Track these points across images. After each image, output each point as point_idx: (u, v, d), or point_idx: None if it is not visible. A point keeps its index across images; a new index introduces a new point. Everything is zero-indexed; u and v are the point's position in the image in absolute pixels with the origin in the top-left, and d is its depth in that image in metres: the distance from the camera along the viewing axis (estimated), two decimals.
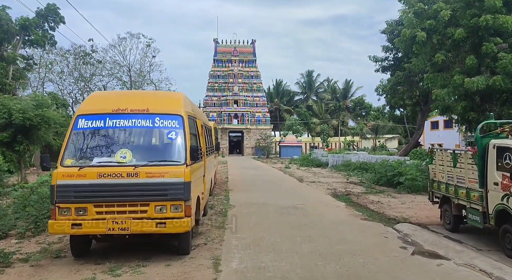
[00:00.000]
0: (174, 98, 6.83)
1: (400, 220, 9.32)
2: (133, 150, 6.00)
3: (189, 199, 5.88)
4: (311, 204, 11.76)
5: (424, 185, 14.88)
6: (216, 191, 15.09)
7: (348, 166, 27.07)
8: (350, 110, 74.22)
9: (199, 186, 7.02)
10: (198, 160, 6.93)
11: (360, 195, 13.77)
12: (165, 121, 6.19)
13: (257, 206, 11.44)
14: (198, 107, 9.40)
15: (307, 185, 17.52)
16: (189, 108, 6.82)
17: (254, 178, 20.87)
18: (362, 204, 11.87)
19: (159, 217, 5.76)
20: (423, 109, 31.80)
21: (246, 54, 64.58)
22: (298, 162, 35.79)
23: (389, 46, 22.89)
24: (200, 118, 8.19)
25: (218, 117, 60.21)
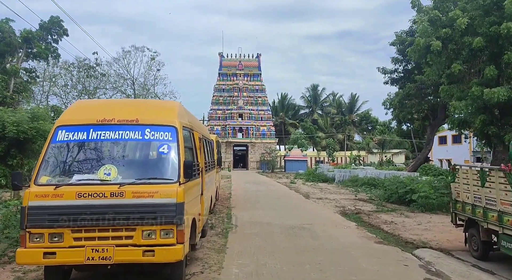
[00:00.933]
0: (167, 107, 6.10)
1: (419, 244, 8.42)
2: (119, 166, 5.25)
3: (182, 222, 5.10)
4: (319, 224, 10.90)
5: (440, 204, 14.02)
6: (218, 208, 14.27)
7: (356, 182, 26.21)
8: (356, 124, 73.38)
9: (195, 207, 6.24)
10: (194, 177, 6.17)
11: (371, 214, 12.88)
12: (157, 133, 5.46)
13: (261, 226, 10.60)
14: (196, 118, 8.66)
15: (314, 202, 16.64)
16: (185, 119, 6.09)
17: (258, 194, 20.02)
18: (374, 224, 10.98)
19: (147, 243, 4.98)
20: (432, 123, 30.96)
21: (251, 68, 64.37)
22: (304, 177, 34.91)
23: (399, 58, 22.24)
24: (199, 130, 7.45)
25: (222, 131, 59.65)
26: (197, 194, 6.48)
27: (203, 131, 8.48)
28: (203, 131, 8.52)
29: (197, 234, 6.54)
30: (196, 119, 8.53)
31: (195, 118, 8.23)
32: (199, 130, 7.55)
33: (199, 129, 7.54)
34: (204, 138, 8.90)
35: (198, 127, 7.59)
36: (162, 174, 5.29)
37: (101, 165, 5.21)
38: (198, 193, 6.54)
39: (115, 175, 5.13)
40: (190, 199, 5.75)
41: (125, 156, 5.40)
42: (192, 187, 5.87)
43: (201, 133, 7.89)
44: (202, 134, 8.20)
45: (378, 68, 22.93)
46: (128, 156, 5.41)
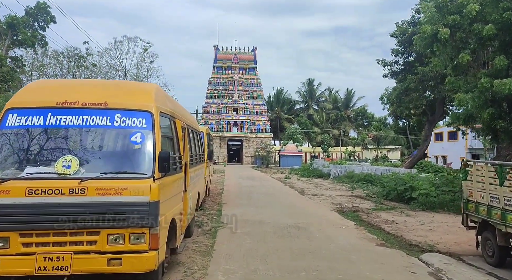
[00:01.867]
0: (143, 90, 5.23)
1: (425, 247, 7.68)
2: (81, 157, 4.42)
3: (156, 225, 4.29)
4: (315, 223, 10.14)
5: (441, 202, 13.33)
6: (209, 204, 13.47)
7: (351, 178, 25.56)
8: (351, 120, 72.75)
9: (175, 205, 5.42)
10: (175, 171, 5.35)
11: (370, 212, 12.14)
12: (128, 119, 4.62)
13: (252, 224, 9.82)
14: (181, 106, 7.80)
15: (309, 199, 15.89)
16: (165, 104, 5.24)
17: (251, 189, 19.23)
18: (374, 223, 10.24)
19: (113, 250, 4.17)
20: (430, 119, 30.32)
21: (246, 61, 63.35)
22: (299, 172, 34.22)
23: (399, 50, 21.41)
24: (183, 119, 6.61)
25: (217, 125, 58.71)
26: (179, 191, 5.66)
27: (189, 121, 7.64)
28: (189, 121, 7.68)
29: (179, 236, 5.73)
30: (181, 107, 7.68)
31: (178, 105, 7.38)
32: (184, 120, 6.71)
33: (183, 118, 6.70)
34: (191, 129, 8.07)
35: (183, 116, 6.74)
36: (134, 167, 4.46)
37: (59, 156, 4.37)
38: (179, 190, 5.72)
39: (76, 168, 4.30)
40: (169, 197, 4.93)
41: (90, 146, 4.55)
42: (171, 183, 5.05)
43: (186, 123, 7.05)
44: (188, 124, 7.36)
45: (378, 60, 22.14)
46: (93, 145, 4.56)
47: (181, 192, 5.86)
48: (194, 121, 9.09)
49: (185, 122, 6.87)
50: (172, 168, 5.26)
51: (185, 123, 6.80)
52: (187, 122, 7.28)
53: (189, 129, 7.70)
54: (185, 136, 6.69)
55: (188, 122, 7.42)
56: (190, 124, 7.72)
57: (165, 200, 4.69)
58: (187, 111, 9.14)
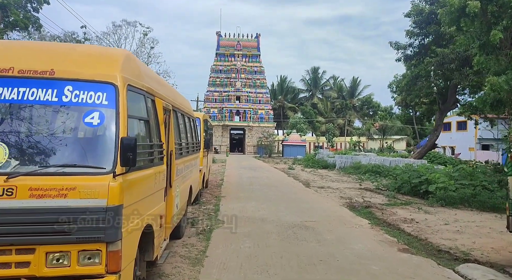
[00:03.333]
0: (106, 55, 3.81)
1: (458, 254, 6.46)
2: (12, 144, 3.21)
3: (116, 238, 3.10)
4: (324, 221, 8.95)
5: (461, 197, 12.10)
6: (206, 197, 12.32)
7: (358, 169, 24.36)
8: (357, 109, 71.21)
9: (153, 207, 4.21)
10: (152, 163, 4.14)
11: (384, 208, 10.94)
12: (83, 93, 3.38)
13: (253, 223, 8.64)
14: (168, 85, 6.53)
15: (315, 192, 14.71)
16: (139, 77, 3.98)
17: (253, 180, 18.06)
18: (391, 222, 9.03)
19: (54, 274, 2.99)
20: (441, 108, 28.88)
21: (250, 48, 61.74)
22: (303, 163, 33.05)
23: (414, 31, 19.84)
24: (168, 100, 5.37)
25: (219, 114, 57.43)
26: (158, 188, 4.44)
27: (177, 103, 6.39)
28: (177, 103, 6.43)
29: (158, 246, 4.53)
30: (166, 85, 6.41)
31: (163, 82, 6.09)
32: (169, 100, 5.46)
33: (169, 99, 5.44)
34: (181, 113, 6.84)
35: (168, 96, 5.48)
36: (86, 159, 3.24)
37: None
38: (159, 186, 4.50)
39: (3, 159, 3.08)
40: (140, 197, 3.73)
41: (26, 129, 3.32)
42: (144, 179, 3.84)
43: (173, 104, 5.80)
44: (176, 106, 6.12)
45: (391, 43, 20.57)
46: (31, 128, 3.33)
47: (161, 188, 4.65)
48: (186, 105, 7.84)
49: (171, 103, 5.62)
50: (146, 159, 4.04)
51: (171, 104, 5.55)
52: (175, 104, 6.03)
53: (178, 113, 6.47)
54: (170, 121, 5.46)
55: (176, 104, 6.18)
56: (179, 107, 6.48)
57: (133, 202, 3.48)
58: (177, 92, 7.89)
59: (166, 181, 5.08)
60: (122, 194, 3.17)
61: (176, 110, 6.26)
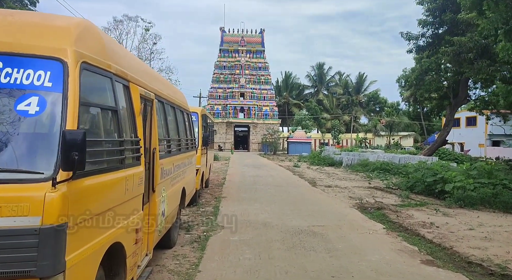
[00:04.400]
0: (55, 24, 2.84)
1: (493, 268, 5.53)
2: None
3: (54, 272, 2.23)
4: (334, 226, 8.07)
5: (482, 197, 11.14)
6: (205, 198, 11.49)
7: (366, 166, 23.46)
8: (363, 105, 70.04)
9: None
10: (121, 165, 3.26)
11: (398, 210, 10.02)
12: (17, 71, 2.51)
13: (255, 228, 7.77)
14: (150, 69, 5.61)
15: (322, 191, 13.81)
16: (102, 54, 3.08)
17: (257, 179, 17.20)
18: (408, 226, 8.12)
19: None
20: (452, 103, 27.81)
21: (254, 44, 60.72)
22: (308, 160, 32.16)
23: (428, 20, 18.71)
24: (150, 87, 4.48)
25: (223, 111, 56.60)
26: (131, 196, 3.54)
27: (165, 93, 5.51)
28: (164, 93, 5.55)
29: (131, 268, 3.62)
30: (149, 70, 5.50)
31: (144, 66, 5.18)
32: (151, 88, 4.57)
33: (150, 86, 4.56)
34: (170, 105, 5.97)
35: (149, 82, 4.59)
36: (16, 160, 2.37)
37: None
38: (134, 193, 3.61)
39: None
40: (102, 210, 2.86)
41: None
42: (107, 186, 2.96)
43: (157, 93, 4.93)
44: (162, 96, 5.25)
45: (402, 33, 19.49)
46: None
47: (138, 195, 3.77)
48: (178, 97, 6.96)
49: (155, 92, 4.74)
50: (113, 160, 3.16)
51: (154, 93, 4.67)
52: (161, 94, 5.16)
53: (167, 105, 5.60)
54: (153, 113, 4.58)
55: (163, 94, 5.31)
56: (167, 98, 5.60)
57: (88, 217, 2.61)
58: (167, 82, 7.02)
59: (147, 185, 4.22)
60: (66, 208, 2.30)
61: (163, 102, 5.39)
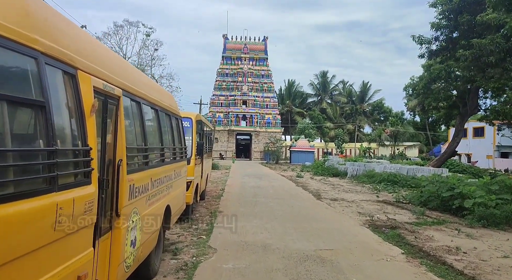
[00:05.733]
0: None
1: None
2: None
3: None
4: (345, 250, 6.96)
5: (507, 215, 10.02)
6: (200, 213, 10.44)
7: (372, 177, 22.38)
8: (367, 114, 68.94)
9: (46, 271, 2.25)
10: (49, 187, 2.22)
11: (415, 230, 8.90)
12: None
13: (253, 252, 6.68)
14: (120, 58, 4.54)
15: (328, 206, 12.71)
16: (26, 25, 2.08)
17: (257, 191, 16.11)
18: (430, 251, 7.01)
19: None
20: (462, 112, 26.75)
21: (257, 51, 60.05)
22: (311, 170, 31.05)
23: (441, 23, 17.66)
24: (112, 78, 3.41)
25: (225, 118, 55.69)
26: (71, 230, 2.46)
27: (142, 92, 4.48)
28: (143, 91, 4.52)
29: None
30: (116, 57, 4.43)
31: (107, 52, 4.07)
32: (116, 81, 3.52)
33: (115, 78, 3.51)
34: (151, 106, 4.94)
35: (114, 73, 3.54)
36: None
37: None
38: (77, 225, 2.54)
39: None
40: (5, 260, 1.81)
41: None
42: (15, 224, 1.92)
43: (128, 90, 3.89)
44: (136, 94, 4.22)
45: (413, 37, 18.45)
46: None
47: (85, 227, 2.70)
48: (164, 98, 5.92)
49: (124, 87, 3.70)
50: (30, 180, 2.11)
51: (122, 89, 3.63)
52: (135, 91, 4.13)
53: (144, 106, 4.56)
54: (119, 114, 3.54)
55: (137, 92, 4.28)
56: (144, 97, 4.57)
57: None
58: (148, 79, 6.01)
59: (104, 209, 3.16)
60: None
61: (140, 102, 4.36)
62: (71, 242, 2.49)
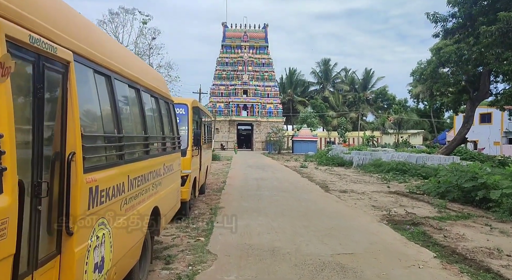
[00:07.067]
0: None
1: None
2: None
3: None
4: (367, 254, 5.94)
5: None
6: (199, 209, 9.44)
7: (380, 166, 21.42)
8: (370, 102, 67.66)
9: None
10: None
11: (441, 227, 7.87)
12: None
13: (259, 258, 5.66)
14: (78, 15, 3.42)
15: (338, 198, 11.69)
16: None
17: (261, 183, 15.10)
18: (466, 254, 5.99)
19: None
20: (473, 97, 25.59)
21: (257, 39, 58.59)
22: (315, 160, 30.07)
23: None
24: (59, 37, 2.38)
25: (225, 108, 54.53)
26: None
27: (112, 60, 3.40)
28: (112, 59, 3.44)
29: None
30: (70, 12, 3.32)
31: (61, 5, 3.01)
32: (59, 38, 2.44)
33: (60, 35, 2.43)
34: (128, 83, 3.86)
35: (58, 27, 2.46)
36: None
37: None
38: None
39: None
40: None
41: None
42: None
43: (80, 52, 2.77)
44: (99, 62, 3.13)
45: (428, 15, 17.11)
46: None
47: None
48: (147, 76, 4.83)
49: (77, 50, 2.62)
50: None
51: (73, 51, 2.55)
52: (99, 59, 3.05)
53: (114, 81, 3.47)
54: (69, 87, 2.46)
55: (105, 61, 3.19)
56: (115, 70, 3.48)
57: None
58: (123, 48, 4.93)
59: (45, 226, 2.12)
60: None
61: (111, 76, 3.28)
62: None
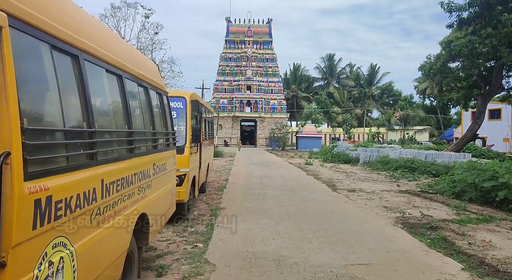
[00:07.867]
0: None
1: None
2: None
3: None
4: (384, 265, 5.26)
5: None
6: (199, 210, 8.81)
7: (387, 164, 20.73)
8: (375, 98, 66.69)
9: None
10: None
11: (464, 232, 7.16)
12: None
13: (263, 270, 5.00)
14: None
15: (347, 199, 11.00)
16: None
17: (264, 181, 14.44)
18: (498, 266, 5.30)
19: None
20: (485, 92, 24.72)
21: (261, 34, 57.73)
22: (320, 156, 29.36)
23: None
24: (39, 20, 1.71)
25: (229, 104, 53.85)
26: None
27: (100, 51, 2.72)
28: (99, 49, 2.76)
29: None
30: None
31: None
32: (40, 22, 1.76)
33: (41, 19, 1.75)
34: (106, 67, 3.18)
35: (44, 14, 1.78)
36: None
37: None
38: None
39: None
40: None
41: None
42: None
43: (21, 16, 2.09)
44: (63, 38, 2.44)
45: (442, 4, 16.29)
46: None
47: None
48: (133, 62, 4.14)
49: (20, 14, 1.95)
50: None
51: (12, 14, 1.88)
52: (62, 33, 2.37)
53: (86, 62, 2.78)
54: (2, 62, 1.79)
55: (72, 37, 2.51)
56: (90, 51, 2.80)
57: None
58: (107, 29, 4.24)
59: None
60: None
61: (79, 56, 2.60)
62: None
